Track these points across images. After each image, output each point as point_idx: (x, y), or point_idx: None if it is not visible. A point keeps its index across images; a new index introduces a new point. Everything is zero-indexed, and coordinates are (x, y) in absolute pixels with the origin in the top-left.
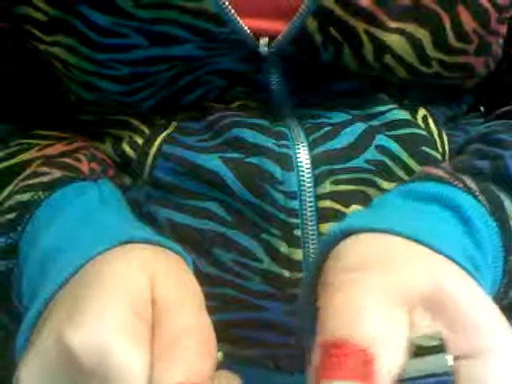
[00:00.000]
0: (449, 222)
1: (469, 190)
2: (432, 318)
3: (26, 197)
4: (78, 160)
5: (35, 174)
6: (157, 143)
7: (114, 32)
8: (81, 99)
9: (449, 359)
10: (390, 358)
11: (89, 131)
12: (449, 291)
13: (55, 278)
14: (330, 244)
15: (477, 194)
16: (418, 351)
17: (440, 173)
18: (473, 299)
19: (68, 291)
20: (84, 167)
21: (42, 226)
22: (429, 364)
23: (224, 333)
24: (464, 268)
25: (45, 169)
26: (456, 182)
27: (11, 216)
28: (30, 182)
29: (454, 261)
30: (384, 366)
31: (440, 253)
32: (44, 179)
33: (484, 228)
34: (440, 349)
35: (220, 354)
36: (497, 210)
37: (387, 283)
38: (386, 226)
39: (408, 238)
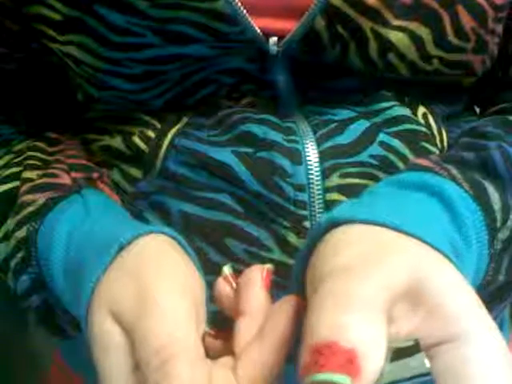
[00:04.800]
0: (434, 209)
1: (453, 179)
2: (412, 310)
3: (24, 231)
4: (56, 176)
5: (22, 205)
6: (169, 136)
7: (129, 31)
8: (89, 98)
9: (426, 360)
10: (373, 362)
11: (95, 127)
12: (429, 281)
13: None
14: (318, 234)
15: (460, 181)
16: (395, 354)
17: (425, 162)
18: (452, 285)
19: None
20: (65, 180)
21: (46, 248)
22: (406, 367)
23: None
24: (447, 256)
25: (29, 197)
26: (441, 171)
27: (22, 254)
28: (22, 214)
29: (436, 249)
30: (369, 367)
31: (423, 242)
32: (31, 209)
33: (467, 213)
34: (416, 349)
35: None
36: (480, 197)
37: (372, 287)
38: (372, 217)
39: (393, 228)
